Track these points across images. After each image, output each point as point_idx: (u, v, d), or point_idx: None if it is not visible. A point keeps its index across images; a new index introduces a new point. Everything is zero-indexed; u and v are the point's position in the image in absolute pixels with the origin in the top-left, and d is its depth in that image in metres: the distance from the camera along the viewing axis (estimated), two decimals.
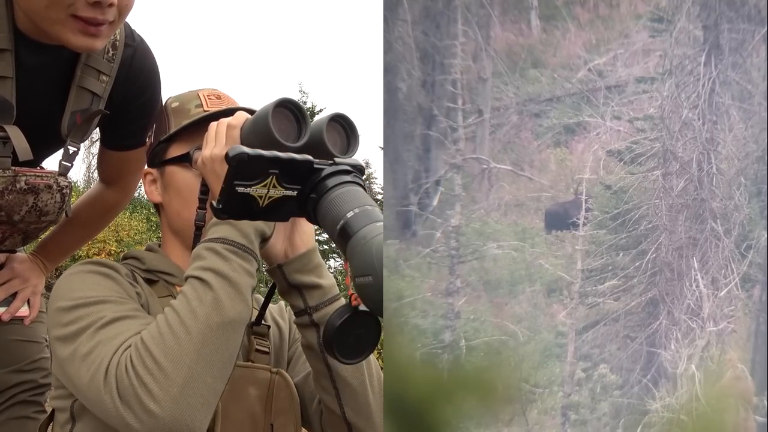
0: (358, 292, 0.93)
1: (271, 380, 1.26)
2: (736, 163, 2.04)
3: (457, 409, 0.79)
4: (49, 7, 1.31)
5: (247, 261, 1.07)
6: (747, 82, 2.02)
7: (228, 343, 1.03)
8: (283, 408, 1.25)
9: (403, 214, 2.33)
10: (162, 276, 1.30)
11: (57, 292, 1.17)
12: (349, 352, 1.02)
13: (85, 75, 1.54)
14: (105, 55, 1.56)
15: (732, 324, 1.96)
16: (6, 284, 1.74)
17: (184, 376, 0.98)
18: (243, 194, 0.96)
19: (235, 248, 1.07)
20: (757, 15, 1.98)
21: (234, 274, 1.04)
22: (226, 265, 1.05)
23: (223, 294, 1.03)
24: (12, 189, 1.45)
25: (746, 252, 2.00)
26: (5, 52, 1.40)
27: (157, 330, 1.01)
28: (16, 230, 1.55)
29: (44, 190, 1.50)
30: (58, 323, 1.12)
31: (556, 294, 2.25)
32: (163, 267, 1.31)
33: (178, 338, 1.00)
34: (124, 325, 1.07)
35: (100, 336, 1.05)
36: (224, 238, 1.07)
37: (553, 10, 2.88)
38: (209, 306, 1.02)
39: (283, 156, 0.98)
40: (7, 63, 1.41)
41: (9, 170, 1.44)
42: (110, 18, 1.36)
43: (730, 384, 1.86)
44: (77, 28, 1.34)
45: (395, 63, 2.30)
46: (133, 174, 1.86)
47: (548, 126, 2.63)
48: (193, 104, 1.33)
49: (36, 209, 1.50)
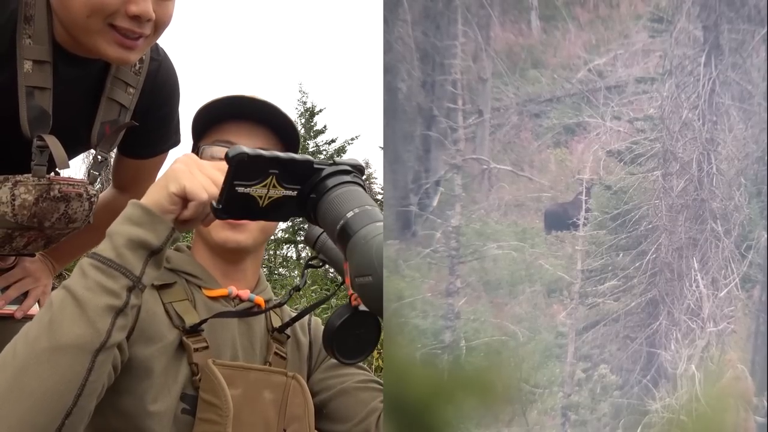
0: (358, 292, 0.93)
1: (287, 384, 1.26)
2: (736, 164, 2.04)
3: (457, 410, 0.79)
4: (90, 17, 1.35)
5: (110, 277, 0.95)
6: (747, 82, 2.02)
7: (57, 370, 0.90)
8: (297, 414, 1.25)
9: (403, 215, 2.33)
10: (184, 276, 1.32)
11: None
12: (349, 352, 1.02)
13: (114, 87, 1.59)
14: (132, 69, 1.61)
15: (732, 324, 1.96)
16: (18, 283, 1.77)
17: None
18: (243, 194, 0.96)
19: (99, 263, 0.97)
20: (757, 15, 1.98)
21: (84, 293, 0.93)
22: (80, 282, 0.95)
23: (61, 315, 0.92)
24: (46, 197, 1.49)
25: (746, 252, 2.00)
26: (45, 64, 1.44)
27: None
28: (42, 236, 1.58)
29: (75, 198, 1.54)
30: None
31: (556, 294, 2.25)
32: (186, 267, 1.33)
33: (3, 362, 0.91)
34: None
35: None
36: (94, 252, 0.98)
37: (553, 10, 2.88)
38: (42, 328, 0.91)
39: (283, 156, 0.98)
40: (47, 74, 1.45)
41: (44, 178, 1.48)
42: (147, 32, 1.41)
43: (730, 384, 1.86)
44: (114, 40, 1.39)
45: (395, 63, 2.30)
46: (148, 181, 1.90)
47: (548, 126, 2.63)
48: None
49: (66, 216, 1.54)
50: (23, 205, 1.46)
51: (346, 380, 1.37)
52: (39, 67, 1.43)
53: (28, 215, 1.47)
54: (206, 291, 1.32)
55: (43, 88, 1.45)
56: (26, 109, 1.43)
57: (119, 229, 1.00)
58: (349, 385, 1.36)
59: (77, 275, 0.96)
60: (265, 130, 1.38)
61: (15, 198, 1.45)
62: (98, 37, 1.38)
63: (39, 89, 1.44)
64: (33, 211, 1.47)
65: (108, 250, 0.98)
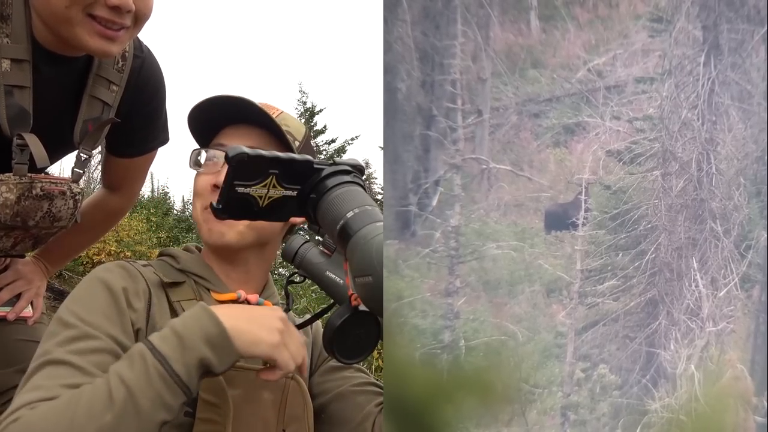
0: (358, 292, 0.93)
1: (286, 385, 1.26)
2: (736, 164, 2.04)
3: (457, 410, 0.79)
4: (69, 7, 1.34)
5: (173, 394, 0.97)
6: (746, 82, 2.02)
7: None
8: (297, 415, 1.25)
9: (403, 215, 2.33)
10: (193, 276, 1.32)
11: (74, 290, 1.19)
12: (349, 352, 1.02)
13: (96, 85, 1.59)
14: (115, 66, 1.61)
15: (731, 324, 1.96)
16: (10, 285, 1.77)
17: None
18: (243, 194, 0.96)
19: (167, 374, 0.97)
20: (756, 15, 1.98)
21: (145, 404, 0.95)
22: (144, 390, 0.96)
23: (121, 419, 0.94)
24: (28, 195, 1.48)
25: (745, 252, 2.00)
26: (24, 62, 1.44)
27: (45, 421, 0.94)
28: (28, 236, 1.58)
29: (58, 196, 1.54)
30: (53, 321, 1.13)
31: (555, 294, 2.25)
32: (194, 268, 1.33)
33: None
34: (52, 375, 1.03)
35: (32, 377, 1.04)
36: (166, 358, 0.98)
37: (552, 10, 2.88)
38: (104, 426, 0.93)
39: (283, 156, 0.98)
40: (26, 73, 1.45)
41: (26, 177, 1.48)
42: (127, 23, 1.41)
43: (730, 384, 1.86)
44: (95, 31, 1.38)
45: (395, 63, 2.30)
46: (137, 180, 1.89)
47: (547, 126, 2.63)
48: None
49: (50, 215, 1.54)
50: (5, 204, 1.45)
51: (342, 384, 1.38)
52: (18, 66, 1.42)
53: (10, 214, 1.47)
54: (215, 294, 1.31)
55: (22, 87, 1.44)
56: (5, 108, 1.42)
57: (196, 345, 0.99)
58: (346, 389, 1.37)
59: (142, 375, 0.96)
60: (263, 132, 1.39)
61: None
62: (79, 27, 1.37)
63: (18, 88, 1.43)
64: (15, 209, 1.47)
65: (179, 363, 0.98)
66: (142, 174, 1.86)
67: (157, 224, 12.82)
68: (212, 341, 1.00)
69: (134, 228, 10.80)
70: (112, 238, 9.65)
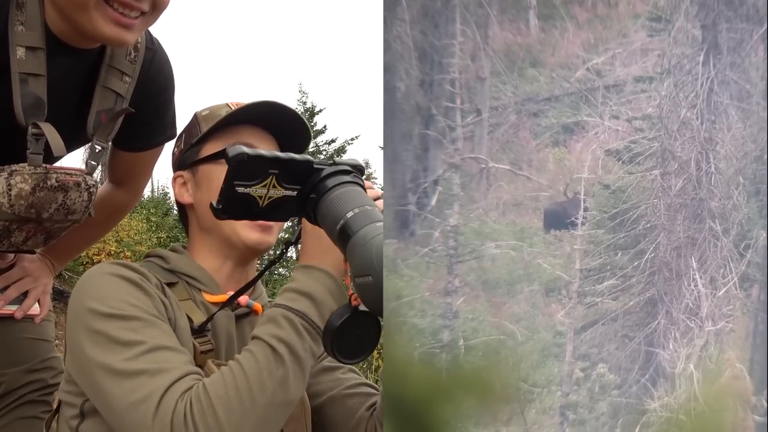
0: (358, 292, 0.93)
1: None
2: (735, 163, 2.04)
3: (456, 409, 0.79)
4: None
5: (316, 343, 1.08)
6: (745, 81, 2.02)
7: (283, 420, 1.08)
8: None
9: (402, 214, 2.33)
10: (184, 278, 1.31)
11: (85, 290, 1.17)
12: (349, 352, 1.02)
13: (109, 75, 1.56)
14: (127, 57, 1.58)
15: (730, 323, 1.96)
16: (18, 282, 1.75)
17: None
18: (243, 194, 0.96)
19: (311, 327, 1.08)
20: (755, 14, 1.98)
21: (304, 355, 1.06)
22: (300, 344, 1.06)
23: (291, 374, 1.05)
24: (43, 186, 1.45)
25: (745, 251, 2.00)
26: (38, 50, 1.42)
27: (224, 389, 1.01)
28: (41, 229, 1.54)
29: (73, 188, 1.51)
30: (87, 326, 1.11)
31: (554, 293, 2.25)
32: (186, 269, 1.32)
33: (244, 407, 1.01)
34: (167, 358, 1.07)
35: (142, 364, 1.06)
36: (305, 314, 1.08)
37: (551, 9, 2.88)
38: (277, 383, 1.03)
39: (283, 156, 0.99)
40: (41, 61, 1.43)
41: (41, 167, 1.45)
42: (145, 8, 1.38)
43: (729, 383, 1.86)
44: (110, 17, 1.36)
45: (394, 62, 2.30)
46: (143, 175, 1.87)
47: (546, 125, 2.63)
48: (224, 111, 1.37)
49: (64, 207, 1.51)
50: (20, 195, 1.42)
51: (334, 386, 1.39)
52: (32, 54, 1.40)
53: (25, 205, 1.44)
54: (206, 295, 1.31)
55: (37, 75, 1.42)
56: (20, 96, 1.40)
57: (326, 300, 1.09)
58: (339, 392, 1.37)
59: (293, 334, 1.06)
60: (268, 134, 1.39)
61: (11, 188, 1.42)
62: (94, 12, 1.35)
63: (33, 76, 1.41)
64: (30, 201, 1.44)
65: (317, 316, 1.09)
66: (148, 169, 1.84)
67: (157, 224, 12.82)
68: (334, 294, 1.10)
69: (134, 228, 10.81)
70: (112, 238, 9.65)
